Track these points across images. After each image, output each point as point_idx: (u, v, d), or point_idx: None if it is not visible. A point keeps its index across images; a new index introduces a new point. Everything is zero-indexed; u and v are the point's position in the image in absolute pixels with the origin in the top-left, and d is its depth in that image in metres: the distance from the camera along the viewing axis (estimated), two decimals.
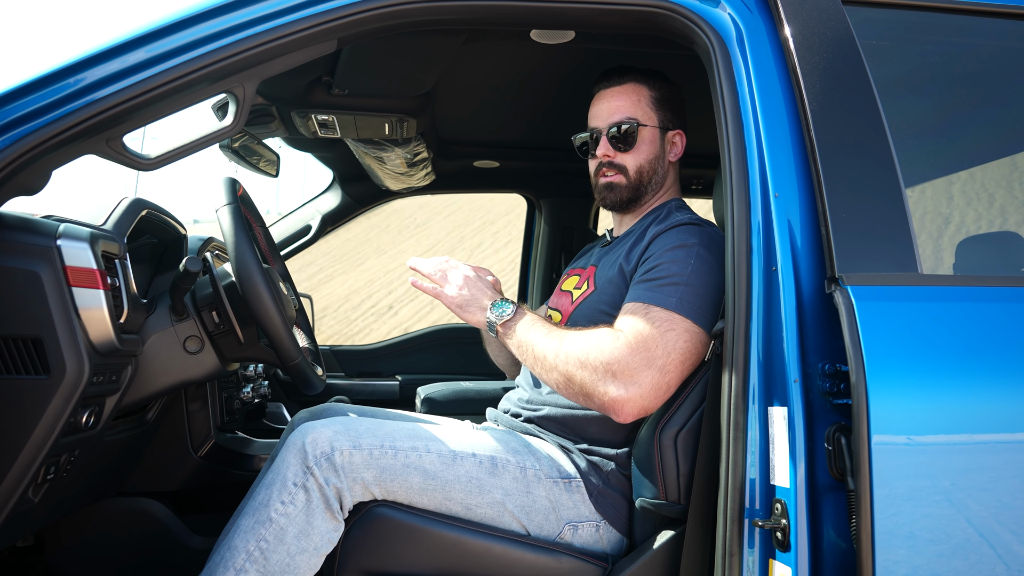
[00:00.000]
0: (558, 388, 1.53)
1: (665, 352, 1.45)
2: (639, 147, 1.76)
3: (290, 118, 2.22)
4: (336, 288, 17.55)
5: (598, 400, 1.46)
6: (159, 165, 1.39)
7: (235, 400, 2.42)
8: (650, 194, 1.80)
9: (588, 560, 1.52)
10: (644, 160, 1.77)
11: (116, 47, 1.29)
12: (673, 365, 1.45)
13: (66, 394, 1.30)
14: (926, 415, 1.18)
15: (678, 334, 1.46)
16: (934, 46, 1.58)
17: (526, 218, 3.56)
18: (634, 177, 1.77)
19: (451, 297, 1.64)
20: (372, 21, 1.38)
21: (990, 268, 1.87)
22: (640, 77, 1.79)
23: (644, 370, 1.44)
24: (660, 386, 1.44)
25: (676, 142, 1.81)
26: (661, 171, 1.79)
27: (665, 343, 1.45)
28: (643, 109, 1.77)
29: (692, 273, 1.52)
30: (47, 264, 1.29)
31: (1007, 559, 1.18)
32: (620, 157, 1.76)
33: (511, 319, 1.58)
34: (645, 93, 1.78)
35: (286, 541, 1.43)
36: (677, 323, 1.47)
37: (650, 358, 1.44)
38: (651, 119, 1.77)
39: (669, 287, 1.51)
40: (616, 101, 1.78)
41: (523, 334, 1.56)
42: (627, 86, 1.78)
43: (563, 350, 1.50)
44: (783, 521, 1.19)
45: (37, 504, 1.41)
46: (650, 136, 1.77)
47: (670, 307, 1.48)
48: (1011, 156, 1.92)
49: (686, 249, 1.56)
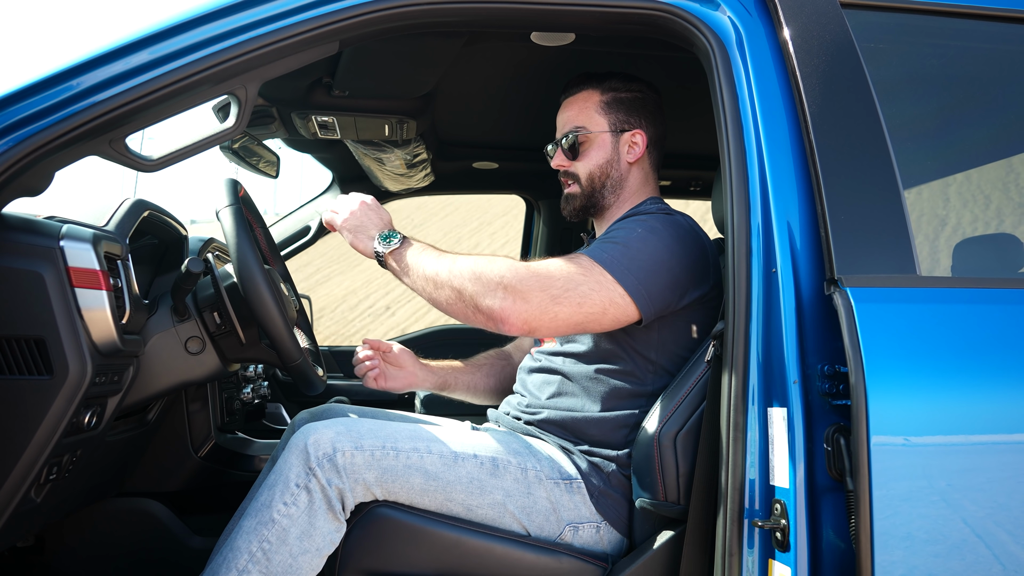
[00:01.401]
0: (448, 305, 1.50)
1: (565, 287, 1.46)
2: (587, 154, 1.78)
3: (290, 119, 2.22)
4: (333, 289, 17.53)
5: (484, 307, 1.46)
6: (161, 166, 1.39)
7: (235, 401, 2.43)
8: (610, 197, 1.79)
9: (588, 560, 1.52)
10: (594, 166, 1.78)
11: (119, 49, 1.30)
12: (568, 300, 1.46)
13: (69, 394, 1.31)
14: (924, 416, 1.18)
15: (587, 279, 1.48)
16: (932, 49, 1.59)
17: (525, 219, 3.57)
18: (586, 184, 1.79)
19: (342, 221, 1.62)
20: (374, 23, 1.38)
21: (987, 270, 1.88)
22: (592, 82, 1.81)
23: (537, 291, 1.45)
24: (547, 311, 1.45)
25: (636, 142, 1.79)
26: (616, 174, 1.78)
27: (569, 280, 1.47)
28: (589, 115, 1.78)
29: (634, 239, 1.55)
30: (50, 265, 1.30)
31: (1003, 559, 1.18)
32: (573, 166, 1.80)
33: (399, 248, 1.56)
34: (594, 98, 1.79)
35: (288, 542, 1.43)
36: (595, 273, 1.49)
37: (546, 284, 1.46)
38: (598, 124, 1.78)
39: (607, 245, 1.55)
40: (568, 112, 1.82)
41: (412, 259, 1.54)
42: (579, 94, 1.81)
43: (456, 266, 1.50)
44: (782, 521, 1.20)
45: (39, 504, 1.41)
46: (599, 141, 1.77)
47: (597, 259, 1.51)
48: (1007, 158, 1.93)
49: (638, 221, 1.61)
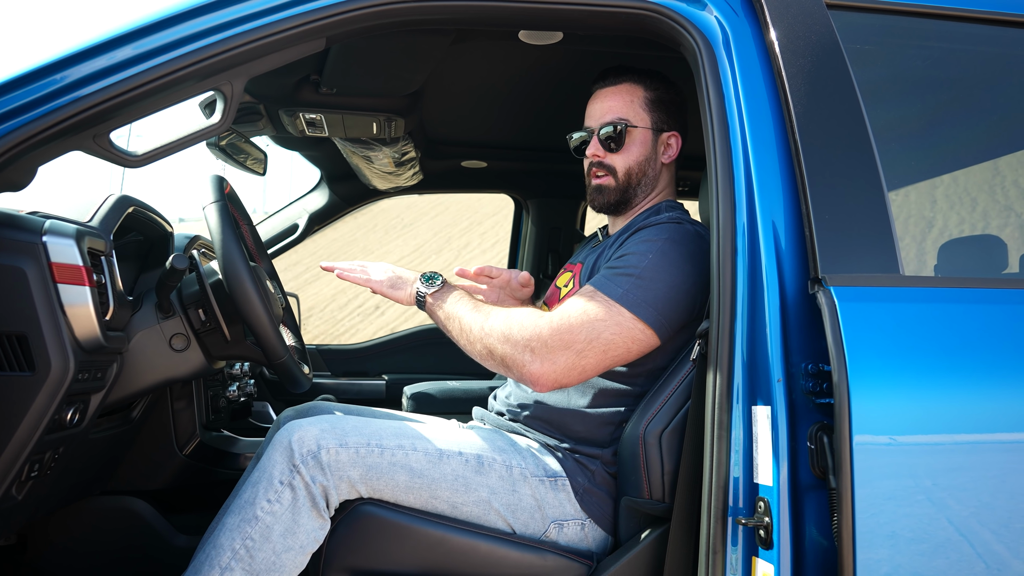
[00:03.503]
0: (481, 359, 1.57)
1: (587, 338, 1.47)
2: (629, 148, 1.75)
3: (278, 116, 2.22)
4: (323, 288, 17.48)
5: (516, 372, 1.50)
6: (146, 162, 1.38)
7: (221, 398, 2.42)
8: (640, 196, 1.79)
9: (573, 558, 1.53)
10: (634, 161, 1.76)
11: (103, 43, 1.29)
12: (593, 352, 1.48)
13: (51, 391, 1.30)
14: (907, 415, 1.19)
15: (607, 324, 1.48)
16: (917, 51, 1.60)
17: (513, 218, 3.57)
18: (623, 179, 1.76)
19: (380, 280, 1.70)
20: (360, 20, 1.38)
21: (971, 270, 1.89)
22: (636, 77, 1.78)
23: (561, 351, 1.47)
24: (575, 367, 1.48)
25: (671, 144, 1.79)
26: (652, 173, 1.78)
27: (591, 330, 1.48)
28: (635, 110, 1.76)
29: (648, 267, 1.54)
30: (32, 260, 1.29)
31: (986, 558, 1.19)
32: (610, 158, 1.76)
33: (440, 291, 1.63)
34: (639, 93, 1.77)
35: (272, 539, 1.42)
36: (613, 313, 1.49)
37: (570, 340, 1.47)
38: (643, 120, 1.76)
39: (620, 277, 1.54)
40: (609, 101, 1.77)
41: (450, 307, 1.60)
42: (622, 86, 1.78)
43: (488, 324, 1.53)
44: (766, 519, 1.20)
45: (21, 502, 1.40)
46: (641, 137, 1.76)
47: (614, 297, 1.51)
48: (993, 160, 1.94)
49: (649, 243, 1.58)
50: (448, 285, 1.64)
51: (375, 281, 1.70)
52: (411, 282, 1.67)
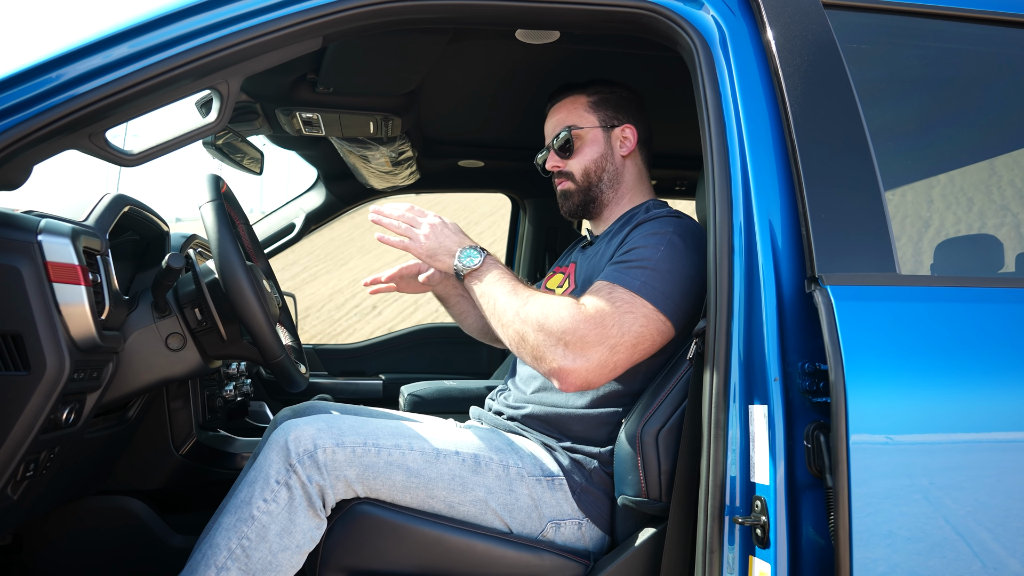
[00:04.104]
0: (510, 344, 1.55)
1: (620, 332, 1.47)
2: (581, 150, 1.81)
3: (274, 116, 2.21)
4: (320, 288, 17.47)
5: (546, 365, 1.49)
6: (142, 161, 1.38)
7: (217, 398, 2.41)
8: (608, 192, 1.82)
9: (570, 558, 1.52)
10: (589, 160, 1.81)
11: (99, 42, 1.28)
12: (624, 346, 1.48)
13: (46, 390, 1.29)
14: (904, 414, 1.19)
15: (635, 316, 1.49)
16: (913, 50, 1.60)
17: (510, 218, 3.57)
18: (581, 180, 1.81)
19: (419, 247, 1.65)
20: (357, 19, 1.38)
21: (967, 270, 1.89)
22: (576, 89, 1.86)
23: (596, 346, 1.46)
24: (607, 364, 1.47)
25: (627, 136, 1.83)
26: (612, 167, 1.82)
27: (621, 323, 1.48)
28: (579, 114, 1.83)
29: (661, 259, 1.55)
30: (28, 259, 1.28)
31: (983, 557, 1.19)
32: (566, 164, 1.83)
33: (478, 268, 1.60)
34: (581, 100, 1.84)
35: (268, 539, 1.42)
36: (637, 306, 1.49)
37: (604, 335, 1.47)
38: (588, 121, 1.82)
39: (636, 270, 1.54)
40: (556, 117, 1.86)
41: (488, 285, 1.58)
42: (565, 100, 1.86)
43: (524, 310, 1.52)
44: (763, 518, 1.20)
45: (16, 502, 1.40)
46: (591, 137, 1.81)
47: (633, 289, 1.51)
48: (989, 160, 1.95)
49: (658, 236, 1.59)
50: (488, 262, 1.61)
51: (415, 248, 1.65)
52: (451, 255, 1.63)
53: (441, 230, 1.65)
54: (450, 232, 1.66)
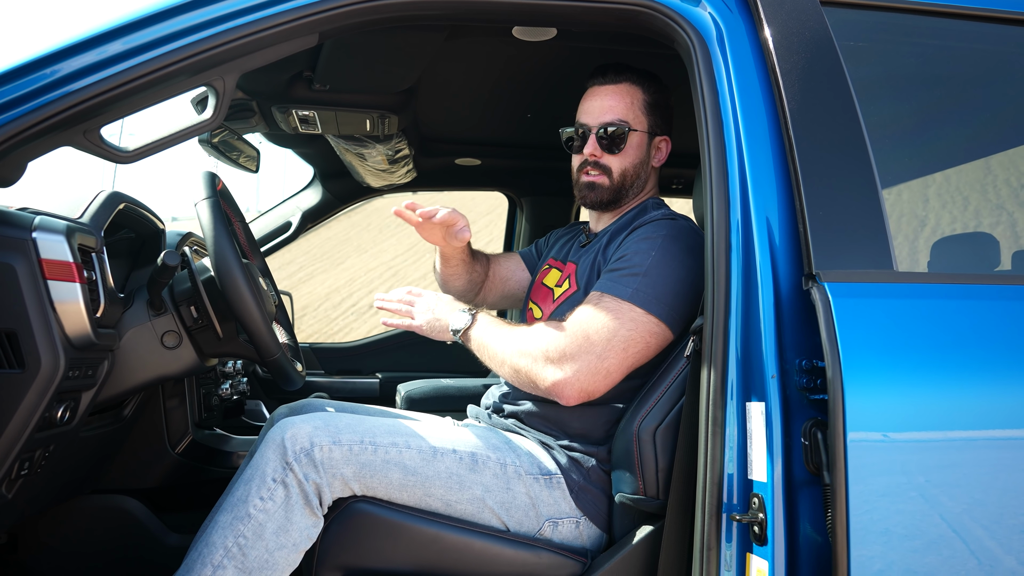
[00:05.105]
0: (513, 381, 1.59)
1: (605, 338, 1.49)
2: (626, 151, 1.76)
3: (270, 113, 2.21)
4: (316, 287, 17.44)
5: (541, 384, 1.51)
6: (137, 158, 1.37)
7: (213, 396, 2.41)
8: (630, 196, 1.82)
9: (567, 556, 1.52)
10: (629, 164, 1.77)
11: (94, 38, 1.28)
12: (614, 352, 1.49)
13: (41, 388, 1.29)
14: (901, 411, 1.19)
15: (623, 322, 1.50)
16: (910, 48, 1.60)
17: (507, 216, 3.57)
18: (617, 180, 1.77)
19: (420, 327, 1.73)
20: (353, 16, 1.37)
21: (964, 267, 1.89)
22: (636, 78, 1.78)
23: (581, 355, 1.48)
24: (598, 370, 1.48)
25: (661, 148, 1.82)
26: (644, 175, 1.81)
27: (607, 330, 1.49)
28: (635, 113, 1.76)
29: (652, 264, 1.55)
30: (22, 257, 1.27)
31: (979, 554, 1.19)
32: (606, 158, 1.76)
33: (469, 327, 1.64)
34: (639, 96, 1.77)
35: (265, 537, 1.42)
36: (625, 312, 1.51)
37: (587, 344, 1.49)
38: (641, 124, 1.77)
39: (627, 278, 1.55)
40: (609, 100, 1.76)
41: (478, 337, 1.63)
42: (622, 86, 1.77)
43: (509, 344, 1.56)
44: (760, 515, 1.20)
45: (11, 500, 1.39)
46: (638, 141, 1.77)
47: (624, 296, 1.52)
48: (985, 158, 1.95)
49: (650, 241, 1.60)
50: (477, 317, 1.65)
51: (416, 326, 1.73)
52: (446, 324, 1.68)
53: (435, 303, 1.73)
54: (442, 304, 1.72)
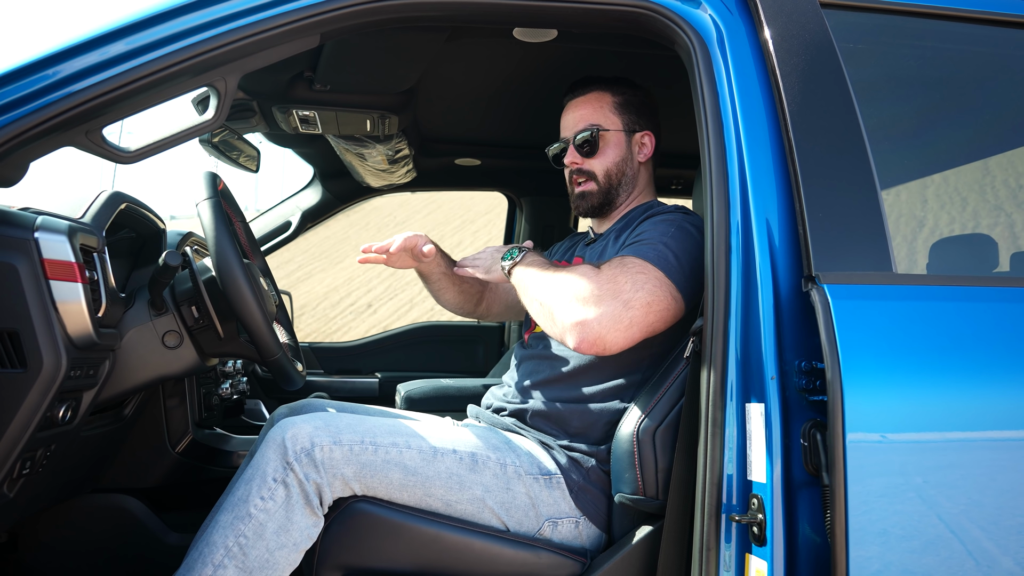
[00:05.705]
0: (536, 318, 1.61)
1: (632, 288, 1.49)
2: (604, 151, 1.82)
3: (271, 113, 2.21)
4: (315, 286, 17.43)
5: (560, 323, 1.51)
6: (139, 158, 1.37)
7: (214, 396, 2.41)
8: (623, 195, 1.85)
9: (567, 555, 1.53)
10: (611, 163, 1.83)
11: (96, 38, 1.28)
12: (638, 304, 1.48)
13: (43, 388, 1.29)
14: (900, 413, 1.19)
15: (647, 278, 1.51)
16: (910, 50, 1.60)
17: (507, 216, 3.57)
18: (603, 181, 1.83)
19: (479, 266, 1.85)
20: (355, 16, 1.38)
21: (963, 269, 1.90)
22: (602, 85, 1.86)
23: (608, 299, 1.48)
24: (621, 319, 1.47)
25: (645, 143, 1.86)
26: (630, 172, 1.85)
27: (634, 282, 1.50)
28: (605, 115, 1.83)
29: (671, 239, 1.59)
30: (24, 257, 1.28)
31: (976, 555, 1.20)
32: (587, 163, 1.83)
33: (515, 263, 1.71)
34: (607, 99, 1.84)
35: (265, 537, 1.42)
36: (650, 271, 1.52)
37: (616, 290, 1.49)
38: (614, 123, 1.83)
39: (647, 246, 1.57)
40: (580, 111, 1.85)
41: (523, 276, 1.67)
42: (590, 95, 1.85)
43: (544, 281, 1.59)
44: (759, 516, 1.20)
45: (12, 499, 1.39)
46: (615, 139, 1.83)
47: (647, 259, 1.54)
48: (983, 160, 1.95)
49: (667, 223, 1.64)
50: (525, 255, 1.71)
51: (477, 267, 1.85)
52: (497, 262, 1.78)
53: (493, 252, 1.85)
54: (494, 250, 1.86)
